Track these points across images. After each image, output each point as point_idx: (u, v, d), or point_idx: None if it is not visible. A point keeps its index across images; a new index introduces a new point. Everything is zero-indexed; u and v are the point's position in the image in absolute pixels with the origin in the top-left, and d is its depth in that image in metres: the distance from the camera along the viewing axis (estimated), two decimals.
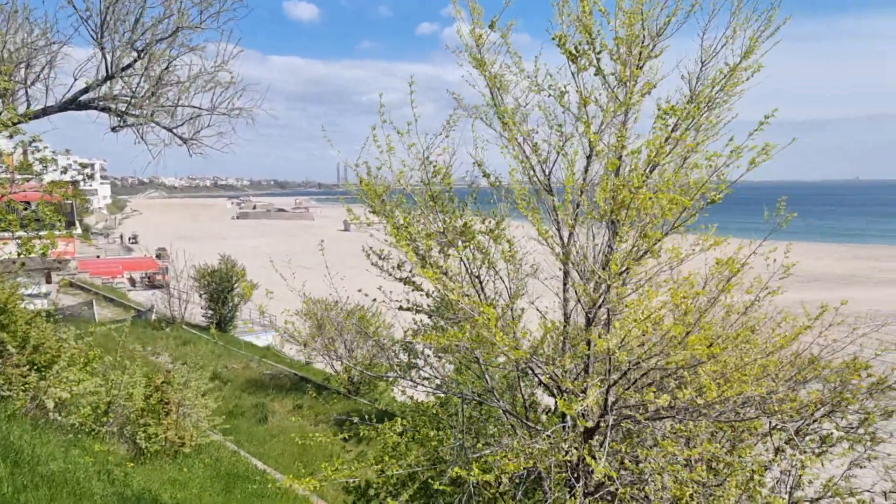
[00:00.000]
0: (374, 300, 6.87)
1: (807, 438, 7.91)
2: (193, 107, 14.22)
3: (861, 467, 7.94)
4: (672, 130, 5.33)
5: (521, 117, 6.06)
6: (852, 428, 7.88)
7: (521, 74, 6.14)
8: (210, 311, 37.99)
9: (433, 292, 6.52)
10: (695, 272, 6.03)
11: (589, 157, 5.82)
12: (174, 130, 14.36)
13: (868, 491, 7.84)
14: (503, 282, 6.17)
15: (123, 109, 13.64)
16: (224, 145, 14.57)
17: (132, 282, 67.20)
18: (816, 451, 7.92)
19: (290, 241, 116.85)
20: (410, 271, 6.61)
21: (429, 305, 6.99)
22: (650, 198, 4.77)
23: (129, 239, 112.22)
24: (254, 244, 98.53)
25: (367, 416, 8.42)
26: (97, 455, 11.20)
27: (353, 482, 7.98)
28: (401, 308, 6.59)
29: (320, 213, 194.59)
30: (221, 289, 37.19)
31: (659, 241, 5.07)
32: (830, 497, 7.64)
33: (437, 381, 7.06)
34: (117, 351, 13.81)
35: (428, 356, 7.69)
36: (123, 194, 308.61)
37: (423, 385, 7.29)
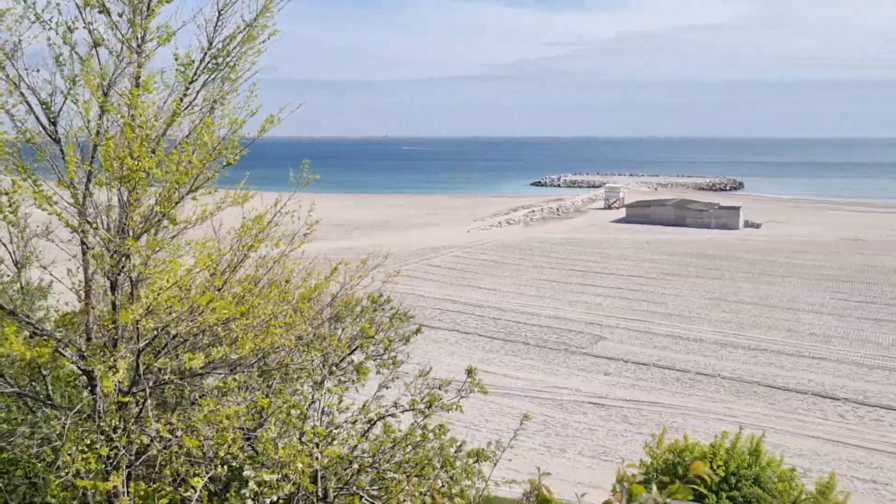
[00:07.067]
0: None
1: (344, 370, 8.82)
2: None
3: (387, 388, 9.21)
4: (191, 82, 5.20)
5: (13, 50, 5.16)
6: (379, 355, 9.06)
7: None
8: None
9: None
10: (229, 228, 6.10)
11: (102, 107, 5.32)
12: None
13: (395, 405, 9.13)
14: (5, 246, 5.32)
15: None
16: None
17: None
18: (353, 379, 8.90)
19: None
20: None
21: None
22: (159, 161, 4.58)
23: None
24: None
25: None
26: None
27: None
28: None
29: None
30: None
31: (175, 205, 4.95)
32: (364, 416, 8.69)
33: None
34: None
35: None
36: None
37: None
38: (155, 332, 4.94)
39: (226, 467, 5.48)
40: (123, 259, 4.93)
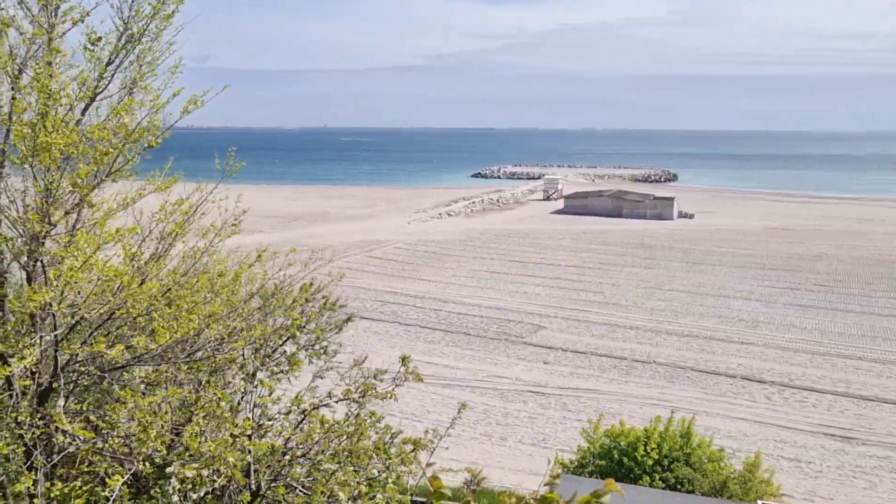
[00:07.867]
0: None
1: (277, 361, 8.69)
2: None
3: (321, 377, 9.11)
4: (108, 64, 5.00)
5: None
6: (311, 345, 8.95)
7: None
8: None
9: None
10: (153, 218, 5.91)
11: (14, 89, 5.07)
12: None
13: (329, 396, 9.04)
14: None
15: None
16: None
17: None
18: (286, 370, 8.77)
19: None
20: None
21: None
22: (74, 143, 4.40)
23: None
24: None
25: None
26: None
27: None
28: None
29: None
30: None
31: (91, 190, 4.75)
32: (297, 407, 8.59)
33: None
34: None
35: None
36: None
37: None
38: (72, 318, 4.74)
39: (148, 464, 5.32)
40: (34, 243, 4.71)
